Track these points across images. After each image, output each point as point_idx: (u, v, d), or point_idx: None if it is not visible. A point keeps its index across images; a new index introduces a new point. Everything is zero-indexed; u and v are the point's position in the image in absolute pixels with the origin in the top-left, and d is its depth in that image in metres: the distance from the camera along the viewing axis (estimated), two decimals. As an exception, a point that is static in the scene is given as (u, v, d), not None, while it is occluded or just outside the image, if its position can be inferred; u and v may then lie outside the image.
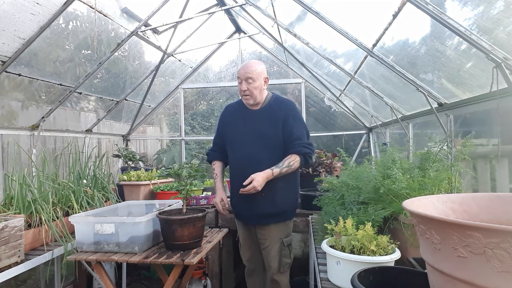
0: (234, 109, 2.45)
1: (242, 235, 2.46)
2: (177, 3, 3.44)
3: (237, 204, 2.37)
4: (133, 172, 3.43)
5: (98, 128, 4.42)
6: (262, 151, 2.22)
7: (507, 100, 1.63)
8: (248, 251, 2.44)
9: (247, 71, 2.22)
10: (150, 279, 3.85)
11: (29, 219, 2.01)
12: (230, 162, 2.42)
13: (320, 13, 2.48)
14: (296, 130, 2.24)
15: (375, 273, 1.14)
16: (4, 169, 2.94)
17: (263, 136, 2.24)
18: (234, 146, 2.35)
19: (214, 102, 6.19)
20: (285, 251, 2.30)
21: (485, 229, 0.65)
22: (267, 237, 2.28)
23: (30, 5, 2.36)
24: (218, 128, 2.50)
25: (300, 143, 2.21)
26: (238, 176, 2.24)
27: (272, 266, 2.28)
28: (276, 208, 2.24)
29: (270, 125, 2.25)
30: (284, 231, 2.31)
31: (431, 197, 0.99)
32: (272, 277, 2.30)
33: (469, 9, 1.66)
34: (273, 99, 2.34)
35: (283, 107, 2.29)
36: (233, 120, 2.40)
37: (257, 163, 2.18)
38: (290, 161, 2.19)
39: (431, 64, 2.26)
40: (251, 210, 2.26)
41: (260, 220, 2.27)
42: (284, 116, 2.25)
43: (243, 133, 2.30)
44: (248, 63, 2.28)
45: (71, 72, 3.31)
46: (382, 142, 4.00)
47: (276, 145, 2.24)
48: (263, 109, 2.31)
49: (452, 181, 1.65)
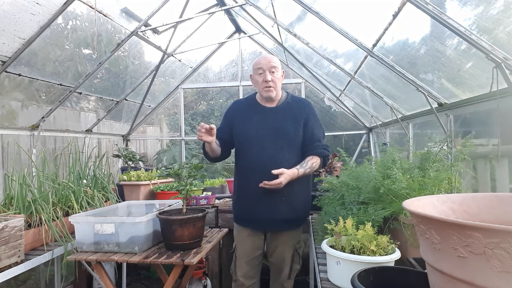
0: (245, 106, 2.29)
1: (243, 246, 2.26)
2: (177, 3, 3.44)
3: (249, 208, 2.18)
4: (133, 172, 3.43)
5: (98, 128, 4.42)
6: (284, 151, 2.12)
7: (507, 100, 1.63)
8: (247, 265, 2.25)
9: (270, 61, 2.12)
10: (150, 279, 3.85)
11: (29, 219, 2.01)
12: (244, 163, 2.21)
13: (320, 13, 2.48)
14: (318, 131, 2.19)
15: (375, 273, 1.14)
16: (4, 169, 2.94)
17: (286, 136, 2.13)
18: (249, 146, 2.16)
19: (214, 102, 6.19)
20: (296, 257, 2.27)
21: (485, 229, 0.65)
22: (280, 243, 2.22)
23: (30, 5, 2.36)
24: (224, 124, 2.31)
25: (321, 145, 2.17)
26: (256, 179, 2.04)
27: (284, 272, 2.24)
28: (295, 213, 2.17)
29: (292, 125, 2.15)
30: (297, 237, 2.27)
31: (431, 197, 0.99)
32: (282, 284, 2.26)
33: (469, 9, 1.66)
34: (289, 97, 2.25)
35: (302, 106, 2.21)
36: (245, 116, 2.22)
37: (278, 164, 2.05)
38: (312, 162, 2.13)
39: (431, 64, 2.26)
40: (268, 215, 2.13)
41: (278, 226, 2.17)
42: (306, 117, 2.17)
43: (260, 131, 2.15)
44: (267, 55, 2.21)
45: (71, 72, 3.31)
46: (382, 142, 4.00)
47: (297, 145, 2.15)
48: (281, 107, 2.20)
49: (452, 181, 1.65)
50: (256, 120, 2.19)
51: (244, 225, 2.27)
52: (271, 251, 2.27)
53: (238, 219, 2.31)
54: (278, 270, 2.27)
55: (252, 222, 2.22)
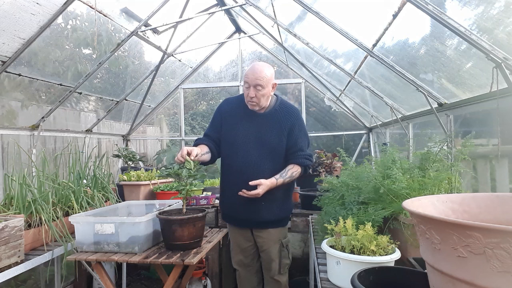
0: (234, 106, 2.30)
1: (234, 238, 2.40)
2: (177, 3, 3.44)
3: (232, 208, 2.29)
4: (133, 172, 3.43)
5: (98, 128, 4.42)
6: (265, 159, 2.17)
7: (507, 100, 1.63)
8: (240, 254, 2.38)
9: (257, 77, 2.07)
10: (150, 279, 3.85)
11: (29, 219, 2.01)
12: (227, 165, 2.28)
13: (320, 13, 2.48)
14: (301, 141, 2.21)
15: (375, 273, 1.14)
16: (4, 169, 2.94)
17: (268, 144, 2.17)
18: (234, 149, 2.22)
19: (214, 102, 6.19)
20: (284, 252, 2.30)
21: (485, 229, 0.65)
22: (266, 239, 2.27)
23: (30, 5, 2.36)
24: (214, 122, 2.34)
25: (303, 154, 2.20)
26: (237, 182, 2.14)
27: (273, 268, 2.28)
28: (274, 216, 2.23)
29: (276, 133, 2.18)
30: (283, 233, 2.32)
31: (431, 197, 0.99)
32: (273, 277, 2.30)
33: (469, 9, 1.66)
34: (278, 104, 2.25)
35: (289, 115, 2.21)
36: (233, 119, 2.26)
37: (259, 171, 2.13)
38: (293, 171, 2.17)
39: (431, 64, 2.26)
40: (248, 216, 2.22)
41: (259, 225, 2.26)
42: (291, 126, 2.19)
43: (245, 137, 2.20)
44: (257, 66, 2.11)
45: (71, 72, 3.31)
46: (382, 142, 4.00)
47: (279, 154, 2.19)
48: (268, 114, 2.22)
49: (452, 181, 1.65)
50: (243, 125, 2.23)
51: (229, 222, 2.41)
52: (259, 247, 2.33)
53: (223, 216, 2.45)
54: (268, 266, 2.32)
55: (235, 220, 2.34)
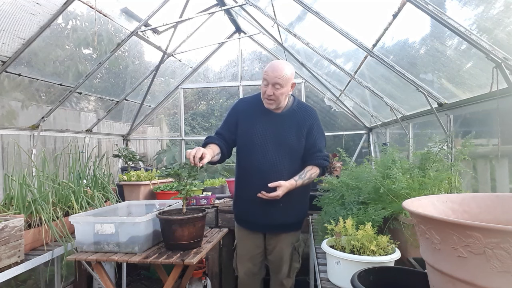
0: (251, 106, 2.24)
1: (244, 245, 2.31)
2: (177, 3, 3.44)
3: (249, 211, 2.22)
4: (133, 172, 3.43)
5: (98, 128, 4.42)
6: (284, 159, 2.12)
7: (507, 100, 1.63)
8: (249, 262, 2.29)
9: (276, 75, 2.01)
10: (150, 279, 3.85)
11: (29, 219, 2.01)
12: (244, 166, 2.23)
13: (320, 13, 2.48)
14: (319, 142, 2.19)
15: (375, 273, 1.14)
16: (4, 169, 2.94)
17: (286, 144, 2.13)
18: (252, 149, 2.16)
19: (214, 102, 6.19)
20: (296, 255, 2.28)
21: (485, 229, 0.65)
22: (278, 242, 2.23)
23: (30, 5, 2.36)
24: (229, 121, 2.27)
25: (321, 155, 2.18)
26: (256, 184, 2.09)
27: (283, 271, 2.25)
28: (291, 218, 2.20)
29: (295, 133, 2.14)
30: (296, 236, 2.30)
31: (431, 197, 0.99)
32: (281, 281, 2.27)
33: (469, 9, 1.66)
34: (295, 104, 2.21)
35: (308, 116, 2.18)
36: (250, 119, 2.20)
37: (279, 172, 2.08)
38: (311, 172, 2.14)
39: (431, 64, 2.26)
40: (265, 219, 2.17)
41: (275, 229, 2.21)
42: (310, 126, 2.16)
43: (264, 137, 2.15)
44: (277, 64, 2.06)
45: (71, 72, 3.31)
46: (382, 142, 4.00)
47: (297, 155, 2.16)
48: (286, 114, 2.18)
49: (452, 181, 1.65)
50: (260, 124, 2.17)
51: (242, 225, 2.32)
52: (270, 249, 2.28)
53: (237, 218, 2.37)
54: (277, 269, 2.28)
55: (250, 223, 2.27)
